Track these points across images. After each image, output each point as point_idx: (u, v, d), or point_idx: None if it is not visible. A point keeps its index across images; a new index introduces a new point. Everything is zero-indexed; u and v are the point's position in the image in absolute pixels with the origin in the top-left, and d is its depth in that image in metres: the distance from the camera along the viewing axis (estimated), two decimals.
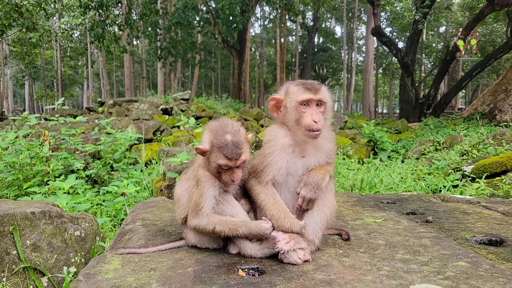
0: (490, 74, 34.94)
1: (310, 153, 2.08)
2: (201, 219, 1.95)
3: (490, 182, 5.63)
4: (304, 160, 2.07)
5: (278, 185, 2.06)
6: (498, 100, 11.66)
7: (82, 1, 20.85)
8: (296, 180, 2.06)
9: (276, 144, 2.05)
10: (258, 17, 50.08)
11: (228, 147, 1.91)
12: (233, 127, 2.00)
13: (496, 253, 2.00)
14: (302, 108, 1.98)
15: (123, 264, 1.86)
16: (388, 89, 57.48)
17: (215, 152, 1.93)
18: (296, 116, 1.99)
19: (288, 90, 2.05)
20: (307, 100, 1.98)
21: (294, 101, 2.00)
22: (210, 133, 1.98)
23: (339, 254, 1.99)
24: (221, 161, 1.92)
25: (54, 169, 5.68)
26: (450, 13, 35.55)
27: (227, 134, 1.95)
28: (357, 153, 9.71)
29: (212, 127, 2.01)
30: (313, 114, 1.95)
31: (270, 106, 2.13)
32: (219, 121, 2.04)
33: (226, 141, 1.92)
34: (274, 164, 2.02)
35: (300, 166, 2.06)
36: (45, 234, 2.82)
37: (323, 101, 2.01)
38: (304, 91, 1.98)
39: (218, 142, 1.93)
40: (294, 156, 2.06)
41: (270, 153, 2.04)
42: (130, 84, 34.71)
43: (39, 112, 42.23)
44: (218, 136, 1.94)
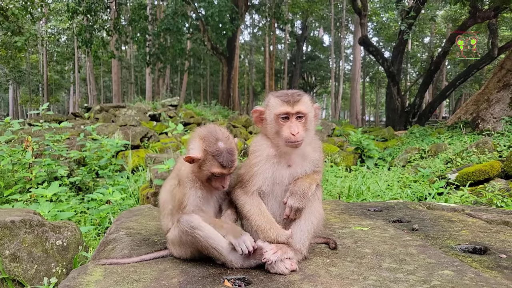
0: (472, 84, 35.77)
1: (296, 163, 2.07)
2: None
3: (474, 189, 5.72)
4: (290, 170, 2.06)
5: (264, 195, 2.05)
6: (481, 110, 11.92)
7: (69, 6, 20.64)
8: (283, 190, 2.05)
9: (262, 155, 2.04)
10: (247, 24, 50.36)
11: (223, 155, 1.88)
12: (223, 133, 1.97)
13: (480, 261, 2.01)
14: (281, 121, 1.97)
15: (105, 275, 1.81)
16: (375, 98, 58.29)
17: (209, 160, 1.89)
18: (275, 129, 1.99)
19: (268, 102, 2.05)
20: (284, 114, 1.97)
21: (272, 114, 2.00)
22: (202, 140, 1.93)
23: (326, 263, 1.98)
24: (215, 169, 1.89)
25: (37, 176, 5.54)
26: (434, 24, 36.39)
27: (219, 141, 1.91)
28: (344, 161, 9.78)
29: (203, 134, 1.96)
30: (292, 127, 1.94)
31: (254, 118, 2.13)
32: (208, 128, 2.00)
33: (220, 149, 1.89)
34: (259, 174, 2.01)
35: (287, 176, 2.05)
36: (25, 243, 2.74)
37: (303, 113, 1.99)
38: (281, 104, 1.98)
39: (212, 150, 1.89)
40: (280, 166, 2.05)
41: (255, 163, 2.03)
42: (118, 89, 34.38)
43: (23, 117, 41.46)
44: (211, 144, 1.90)
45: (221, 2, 22.98)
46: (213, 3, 23.62)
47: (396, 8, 17.40)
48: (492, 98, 11.71)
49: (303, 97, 2.02)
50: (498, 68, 12.35)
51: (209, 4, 23.60)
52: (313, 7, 39.71)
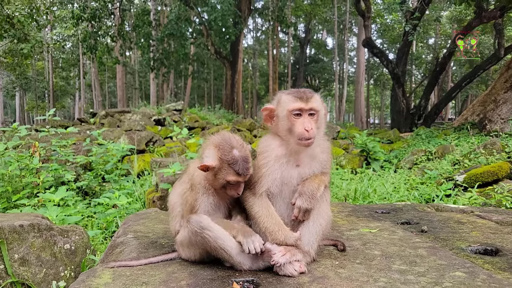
0: (479, 85, 35.54)
1: (304, 163, 2.06)
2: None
3: (482, 191, 5.66)
4: (298, 170, 2.05)
5: (272, 196, 2.04)
6: (488, 110, 11.82)
7: (74, 13, 20.86)
8: (291, 190, 2.04)
9: (270, 155, 2.02)
10: (250, 28, 50.57)
11: (239, 164, 1.88)
12: (237, 141, 1.97)
13: (492, 263, 1.99)
14: (294, 118, 1.96)
15: (114, 278, 1.81)
16: (380, 100, 58.10)
17: (225, 168, 1.88)
18: (288, 125, 1.98)
19: (280, 99, 2.04)
20: (298, 109, 1.96)
21: (285, 110, 1.99)
22: (216, 148, 1.92)
23: (335, 265, 1.96)
24: (231, 178, 1.89)
25: (44, 181, 5.57)
26: (439, 25, 36.27)
27: (234, 149, 1.91)
28: (350, 163, 9.73)
29: (217, 142, 1.95)
30: (305, 123, 1.93)
31: (264, 116, 2.11)
32: (222, 136, 1.99)
33: (236, 157, 1.89)
34: (268, 175, 1.99)
35: (295, 176, 2.04)
36: (34, 247, 2.75)
37: (315, 110, 1.99)
38: (295, 100, 1.97)
39: (228, 158, 1.88)
40: (288, 166, 2.03)
41: (264, 164, 2.01)
42: (123, 95, 34.60)
43: (30, 124, 41.80)
44: (226, 152, 1.90)
45: (224, 7, 23.09)
46: (216, 7, 23.75)
47: (401, 9, 17.38)
48: (499, 99, 11.62)
49: (315, 95, 2.03)
50: (504, 68, 12.26)
51: (212, 8, 23.73)
52: (316, 10, 39.78)
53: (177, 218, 2.06)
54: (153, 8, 29.30)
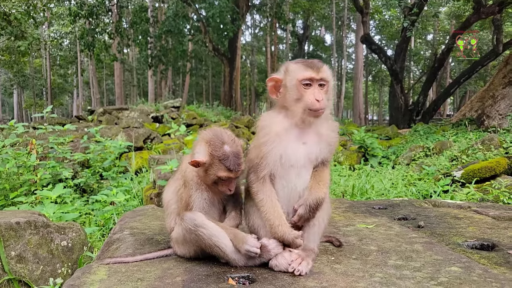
0: (477, 81, 35.56)
1: (312, 140, 1.94)
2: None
3: (480, 187, 5.67)
4: (305, 148, 1.93)
5: (276, 178, 1.93)
6: (486, 106, 11.83)
7: (71, 10, 20.76)
8: (297, 173, 1.93)
9: (271, 131, 1.91)
10: (248, 25, 50.39)
11: (230, 159, 1.85)
12: (228, 136, 1.93)
13: (488, 258, 1.99)
14: (304, 87, 1.86)
15: (110, 274, 1.81)
16: (378, 96, 58.09)
17: (216, 164, 1.86)
18: (296, 96, 1.87)
19: (288, 68, 1.93)
20: (308, 79, 1.85)
21: (294, 79, 1.87)
22: (207, 144, 1.89)
23: (331, 261, 1.96)
24: (222, 174, 1.86)
25: (42, 178, 5.56)
26: (438, 21, 36.23)
27: (225, 144, 1.88)
28: (348, 159, 9.74)
29: (208, 137, 1.92)
30: (316, 93, 1.84)
31: (269, 87, 1.99)
32: (213, 131, 1.96)
33: (227, 153, 1.86)
34: (270, 154, 1.88)
35: (302, 155, 1.92)
36: (31, 244, 2.74)
37: (326, 80, 1.89)
38: (305, 69, 1.86)
39: (219, 154, 1.85)
40: (293, 143, 1.91)
41: (264, 142, 1.90)
42: (121, 92, 34.51)
43: (27, 121, 41.68)
44: (217, 148, 1.87)
45: (221, 3, 23.01)
46: (213, 4, 23.66)
47: (399, 5, 17.33)
48: (498, 95, 11.62)
49: (325, 66, 1.93)
50: (503, 64, 12.25)
51: (210, 5, 23.64)
52: (314, 6, 39.68)
53: (172, 215, 2.06)
54: (150, 5, 29.19)
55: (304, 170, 1.94)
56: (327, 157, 1.99)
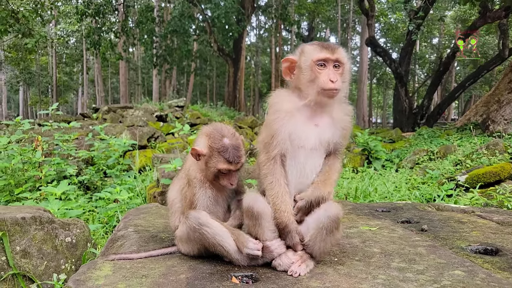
0: (482, 86, 35.37)
1: (324, 123, 1.92)
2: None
3: (484, 191, 5.64)
4: (317, 130, 1.90)
5: (287, 160, 1.90)
6: (491, 111, 11.78)
7: (78, 8, 20.88)
8: (307, 154, 1.90)
9: (282, 108, 1.89)
10: (253, 26, 50.43)
11: (229, 151, 1.88)
12: (228, 130, 1.97)
13: (492, 262, 1.99)
14: (318, 68, 1.85)
15: (114, 270, 1.82)
16: (382, 99, 57.92)
17: (215, 156, 1.88)
18: (311, 77, 1.86)
19: (303, 50, 1.93)
20: (323, 60, 1.84)
21: (309, 60, 1.86)
22: (207, 137, 1.93)
23: (334, 262, 1.97)
24: (221, 165, 1.89)
25: (47, 174, 5.60)
26: (443, 25, 36.10)
27: (225, 137, 1.91)
28: (351, 162, 9.72)
29: (208, 131, 1.97)
30: (330, 74, 1.82)
31: (283, 68, 1.98)
32: (213, 125, 2.00)
33: (226, 145, 1.89)
34: (280, 132, 1.85)
35: (313, 137, 1.90)
36: (36, 240, 2.76)
37: (341, 62, 1.87)
38: (320, 49, 1.86)
39: (218, 146, 1.89)
40: (304, 124, 1.89)
41: (274, 120, 1.88)
42: (125, 91, 34.63)
43: (32, 118, 41.93)
44: (216, 140, 1.90)
45: (227, 4, 23.05)
46: (219, 4, 23.70)
47: (404, 8, 17.28)
48: (503, 100, 11.57)
49: (341, 48, 1.92)
50: (508, 69, 12.20)
51: (216, 5, 23.69)
52: (319, 8, 39.64)
53: (177, 214, 2.07)
54: (156, 4, 29.29)
55: (315, 152, 1.91)
56: (340, 144, 1.95)
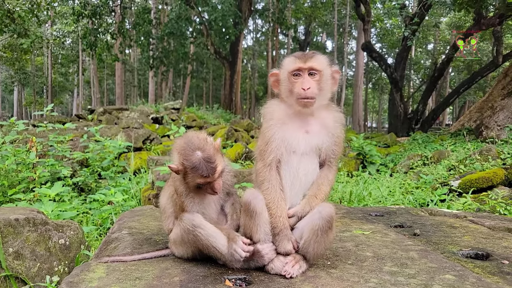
0: (476, 92, 35.70)
1: (314, 130, 1.99)
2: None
3: (477, 197, 5.70)
4: (308, 137, 1.98)
5: (282, 166, 1.97)
6: (485, 117, 11.89)
7: (75, 9, 20.83)
8: (299, 160, 1.97)
9: (274, 116, 1.98)
10: (250, 29, 50.60)
11: (201, 166, 1.84)
12: (199, 140, 1.93)
13: (482, 267, 2.01)
14: (294, 78, 1.93)
15: (108, 272, 1.82)
16: (377, 104, 58.23)
17: (190, 173, 1.87)
18: (289, 87, 1.95)
19: (282, 63, 2.04)
20: (297, 69, 1.93)
21: (286, 72, 1.97)
22: (179, 154, 1.91)
23: (327, 265, 1.98)
24: (198, 180, 1.88)
25: (41, 176, 5.57)
26: (438, 31, 36.44)
27: (196, 151, 1.87)
28: (346, 166, 9.76)
29: (179, 146, 1.93)
30: (303, 82, 1.90)
31: (271, 82, 2.09)
32: (185, 138, 1.96)
33: (198, 160, 1.85)
34: (274, 138, 1.93)
35: (303, 143, 1.96)
36: (29, 241, 2.75)
37: (316, 69, 1.93)
38: (294, 61, 1.95)
39: (190, 163, 1.86)
40: (295, 131, 1.97)
41: (267, 128, 1.97)
42: (121, 92, 34.54)
43: (27, 119, 41.62)
44: (187, 156, 1.87)
45: (224, 7, 23.13)
46: (216, 7, 23.78)
47: (400, 14, 17.44)
48: (497, 106, 11.68)
49: (317, 55, 1.98)
50: (502, 76, 12.33)
51: (213, 8, 23.76)
52: (316, 12, 39.89)
53: (170, 218, 2.08)
54: (154, 6, 29.30)
55: (306, 157, 1.97)
56: (332, 151, 2.01)
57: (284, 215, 1.90)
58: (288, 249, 1.88)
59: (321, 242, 1.86)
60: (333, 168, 2.03)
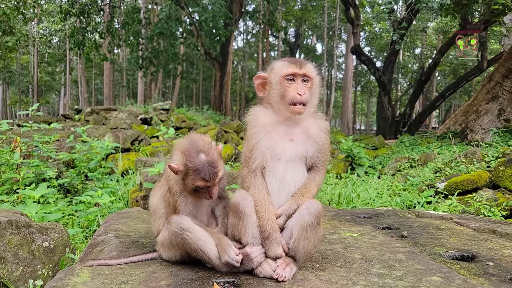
0: (462, 95, 36.34)
1: (298, 138, 1.99)
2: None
3: (462, 199, 5.78)
4: (292, 145, 1.97)
5: (267, 172, 1.97)
6: (470, 120, 12.11)
7: (62, 7, 20.51)
8: (285, 167, 1.96)
9: (258, 123, 1.97)
10: (241, 31, 50.61)
11: (205, 169, 1.84)
12: (204, 143, 1.92)
13: (468, 269, 2.04)
14: (287, 83, 1.92)
15: (93, 276, 1.79)
16: (366, 106, 58.82)
17: (191, 174, 1.85)
18: (280, 92, 1.93)
19: (273, 66, 2.01)
20: (291, 74, 1.92)
21: (278, 76, 1.94)
22: (182, 154, 1.89)
23: (316, 268, 1.98)
24: (199, 183, 1.86)
25: (25, 177, 5.45)
26: (425, 36, 37.01)
27: (200, 154, 1.87)
28: (335, 168, 9.81)
29: (184, 147, 1.91)
30: (298, 88, 1.89)
31: (256, 85, 2.05)
32: (189, 139, 1.95)
33: (202, 163, 1.84)
34: (258, 145, 1.92)
35: (288, 151, 1.96)
36: (11, 244, 2.69)
37: (309, 76, 1.94)
38: (289, 65, 1.94)
39: (193, 164, 1.84)
40: (279, 138, 1.96)
41: (252, 135, 1.95)
42: (109, 92, 34.15)
43: (12, 118, 40.82)
44: (191, 158, 1.85)
45: (215, 8, 23.07)
46: (207, 8, 23.70)
47: (389, 18, 17.67)
48: (481, 110, 11.90)
49: (310, 63, 2.00)
50: (487, 80, 12.56)
51: (203, 9, 23.68)
52: (306, 15, 40.12)
53: (162, 219, 2.05)
54: (143, 6, 29.07)
55: (292, 164, 1.97)
56: (318, 158, 2.01)
57: (272, 218, 1.89)
58: (278, 253, 1.87)
59: (311, 238, 1.86)
60: (320, 171, 2.04)
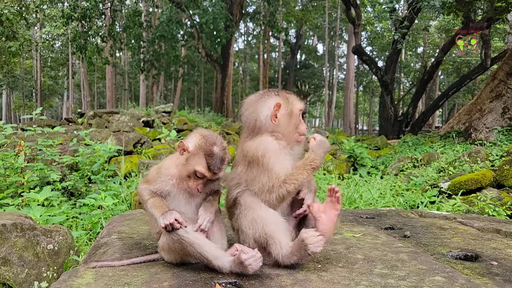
0: (465, 94, 36.19)
1: (295, 160, 2.20)
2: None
3: (466, 198, 5.76)
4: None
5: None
6: (473, 119, 12.05)
7: (64, 12, 20.61)
8: None
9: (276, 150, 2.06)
10: (242, 32, 50.70)
11: (214, 159, 1.89)
12: (221, 142, 2.00)
13: (471, 268, 2.03)
14: (300, 116, 2.16)
15: (96, 278, 1.80)
16: (368, 107, 58.72)
17: (199, 157, 1.89)
18: (296, 123, 2.12)
19: (288, 98, 2.13)
20: (303, 109, 2.17)
21: (297, 109, 2.13)
22: (201, 137, 1.95)
23: (318, 268, 1.98)
24: (200, 168, 1.89)
25: (29, 180, 5.49)
26: (428, 34, 36.92)
27: (216, 145, 1.93)
28: (337, 169, 9.80)
29: (204, 133, 2.00)
30: (303, 122, 2.16)
31: (273, 112, 2.05)
32: (210, 131, 2.04)
33: (214, 151, 1.90)
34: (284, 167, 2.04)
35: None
36: (16, 247, 2.71)
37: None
38: (300, 101, 2.17)
39: (207, 149, 1.91)
40: (291, 159, 2.15)
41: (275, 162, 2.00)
42: (112, 95, 34.29)
43: (16, 122, 41.02)
44: (208, 143, 1.92)
45: (215, 10, 23.12)
46: (207, 10, 23.77)
47: (390, 17, 17.63)
48: (485, 108, 11.85)
49: None
50: (490, 79, 12.51)
51: (204, 11, 23.75)
52: (307, 16, 40.13)
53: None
54: (144, 9, 29.17)
55: None
56: None
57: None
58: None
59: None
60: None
